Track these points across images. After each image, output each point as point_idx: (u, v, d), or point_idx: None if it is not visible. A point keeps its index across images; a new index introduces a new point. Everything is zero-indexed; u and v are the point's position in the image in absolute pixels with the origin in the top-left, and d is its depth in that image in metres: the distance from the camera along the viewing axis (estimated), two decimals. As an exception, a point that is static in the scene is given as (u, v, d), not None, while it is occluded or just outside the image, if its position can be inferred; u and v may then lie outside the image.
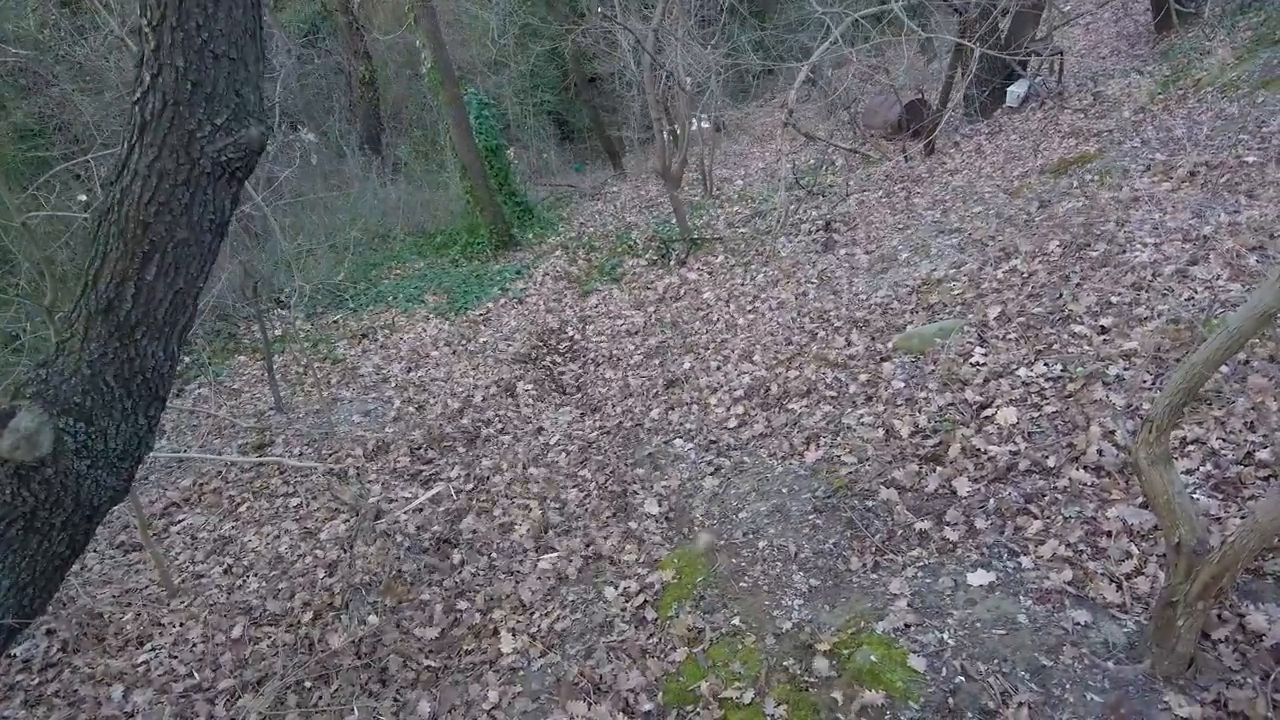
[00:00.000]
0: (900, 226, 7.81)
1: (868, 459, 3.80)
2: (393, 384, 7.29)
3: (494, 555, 4.21)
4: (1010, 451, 3.40)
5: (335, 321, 9.71)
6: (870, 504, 3.44)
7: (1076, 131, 9.11)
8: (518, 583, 3.92)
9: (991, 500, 3.18)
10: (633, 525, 4.12)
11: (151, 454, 6.30)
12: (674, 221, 10.25)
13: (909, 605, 2.80)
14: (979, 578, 2.84)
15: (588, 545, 4.07)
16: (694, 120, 11.36)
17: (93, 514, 2.59)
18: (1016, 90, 11.05)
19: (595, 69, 18.10)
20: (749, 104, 20.49)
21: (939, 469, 3.47)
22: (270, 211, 5.63)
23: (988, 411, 3.74)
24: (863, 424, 4.14)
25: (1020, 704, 2.33)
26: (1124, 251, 4.90)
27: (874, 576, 3.06)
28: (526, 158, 16.87)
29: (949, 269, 5.77)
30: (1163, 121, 8.15)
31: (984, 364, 4.20)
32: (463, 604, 3.84)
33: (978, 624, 2.66)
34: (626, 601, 3.50)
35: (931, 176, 9.77)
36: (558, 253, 10.49)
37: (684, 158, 10.02)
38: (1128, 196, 6.06)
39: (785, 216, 8.72)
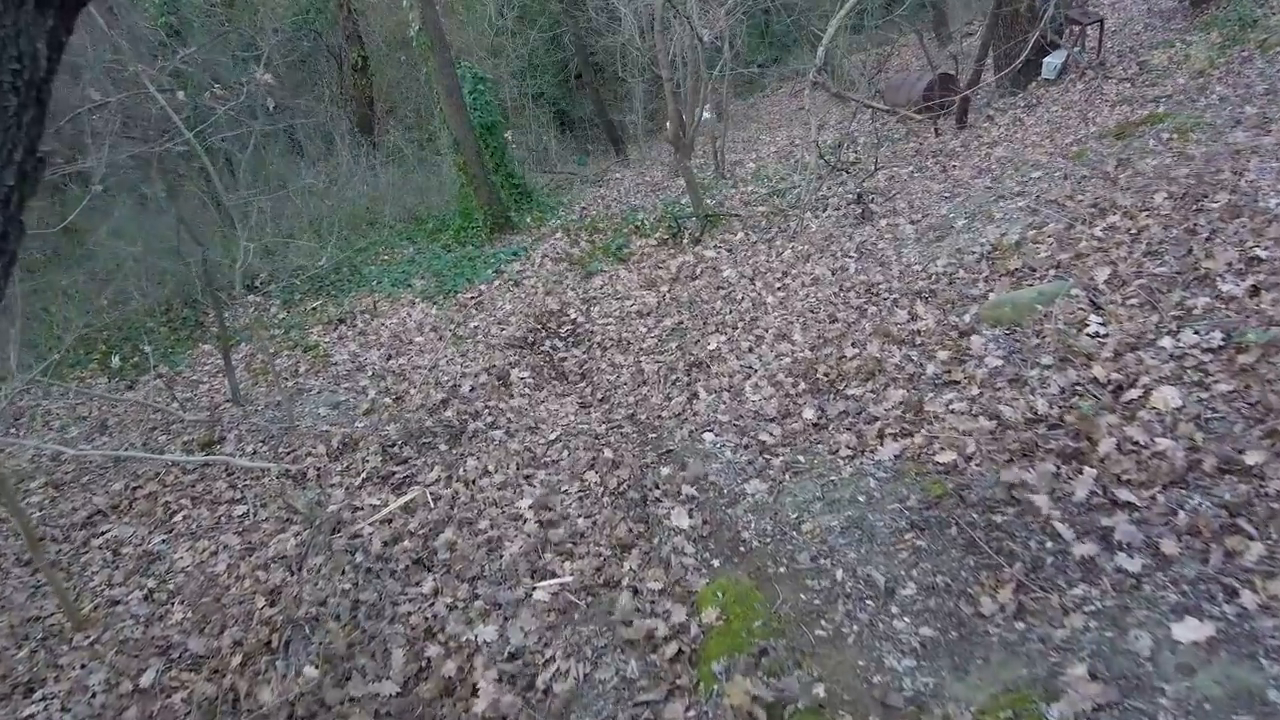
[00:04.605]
0: (946, 195, 6.89)
1: (972, 456, 2.86)
2: (369, 373, 6.34)
3: (478, 583, 3.26)
4: (1185, 446, 2.46)
5: (314, 309, 8.77)
6: (998, 519, 2.50)
7: (1128, 99, 8.21)
8: (506, 619, 2.98)
9: (1181, 513, 2.24)
10: (657, 543, 3.19)
11: (81, 453, 5.34)
12: (685, 201, 9.31)
13: (1090, 674, 1.86)
14: (1189, 630, 1.90)
15: (598, 570, 3.13)
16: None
17: None
18: (1053, 62, 10.19)
19: (597, 51, 17.25)
20: (754, 96, 19.65)
21: (1085, 469, 2.53)
22: (209, 159, 4.69)
23: (1133, 393, 2.81)
24: (953, 411, 3.20)
25: None
26: (1255, 200, 3.99)
27: (1020, 626, 2.12)
28: (526, 142, 15.94)
29: (1024, 230, 4.84)
30: (1234, 81, 7.26)
31: (1106, 334, 3.28)
32: (433, 649, 2.90)
33: (1207, 706, 1.73)
34: (654, 653, 2.55)
35: (967, 150, 8.86)
36: (558, 234, 9.55)
37: (697, 125, 9.09)
38: (1227, 149, 5.15)
39: (815, 185, 7.80)
